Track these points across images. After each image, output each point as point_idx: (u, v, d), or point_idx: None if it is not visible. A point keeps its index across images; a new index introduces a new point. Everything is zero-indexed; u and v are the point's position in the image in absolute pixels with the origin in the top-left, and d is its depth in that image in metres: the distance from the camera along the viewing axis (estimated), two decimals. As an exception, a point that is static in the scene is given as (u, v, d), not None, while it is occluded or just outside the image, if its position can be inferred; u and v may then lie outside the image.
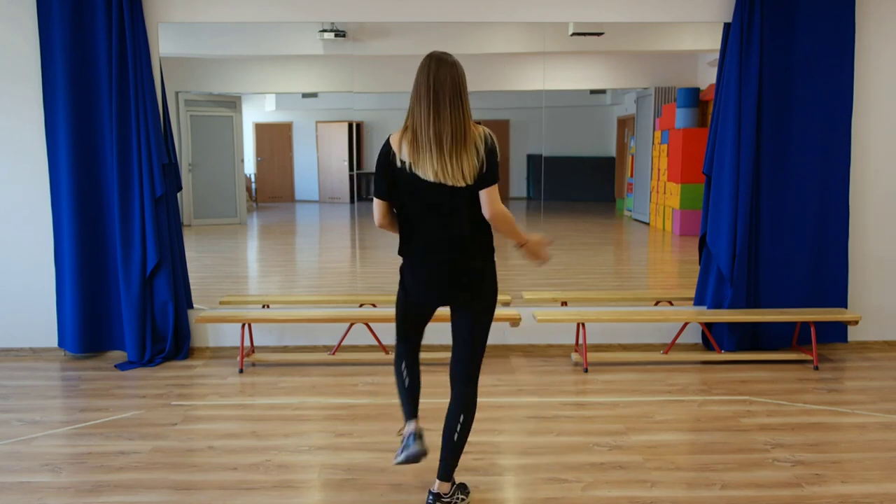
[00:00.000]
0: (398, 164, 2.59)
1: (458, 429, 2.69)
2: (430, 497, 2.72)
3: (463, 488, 2.83)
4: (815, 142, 4.70)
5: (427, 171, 2.55)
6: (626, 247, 8.82)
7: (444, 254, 2.64)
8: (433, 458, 3.14)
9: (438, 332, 4.71)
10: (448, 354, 2.78)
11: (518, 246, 2.74)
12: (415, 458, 2.75)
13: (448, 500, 2.74)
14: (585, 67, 6.59)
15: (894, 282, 5.01)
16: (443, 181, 2.55)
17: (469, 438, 2.74)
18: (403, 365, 2.88)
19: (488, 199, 2.57)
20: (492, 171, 2.57)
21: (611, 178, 9.43)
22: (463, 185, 2.56)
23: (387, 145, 2.65)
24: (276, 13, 4.70)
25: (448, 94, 2.53)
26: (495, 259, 2.73)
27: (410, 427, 2.81)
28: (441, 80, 2.53)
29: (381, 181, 2.65)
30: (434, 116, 2.52)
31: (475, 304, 2.70)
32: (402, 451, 2.78)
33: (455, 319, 2.74)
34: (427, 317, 2.87)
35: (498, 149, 2.60)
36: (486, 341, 2.76)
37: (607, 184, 9.50)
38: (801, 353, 4.73)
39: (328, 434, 3.53)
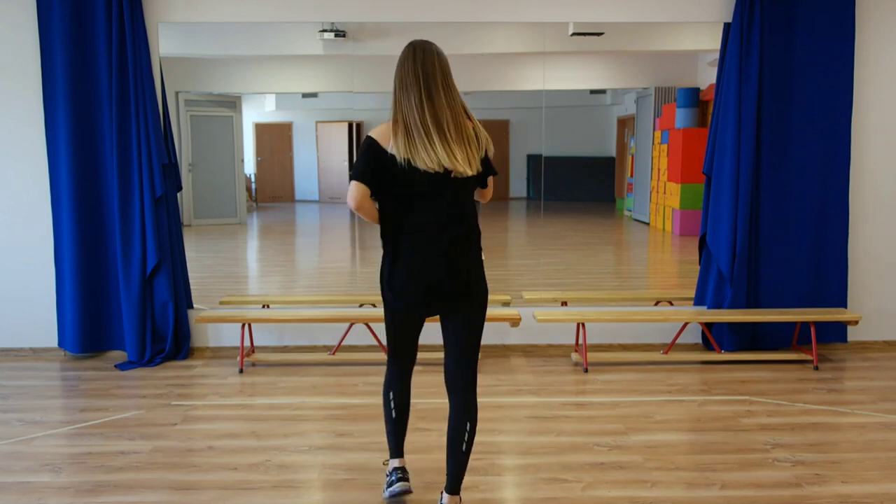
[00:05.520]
0: (389, 158, 2.44)
1: (466, 438, 2.55)
2: None
3: None
4: (815, 142, 4.70)
5: (428, 161, 2.40)
6: (626, 247, 8.82)
7: (442, 254, 2.49)
8: (433, 458, 3.15)
9: (435, 331, 4.71)
10: (441, 355, 2.69)
11: None
12: (399, 495, 2.75)
13: None
14: (585, 67, 6.58)
15: (894, 282, 5.01)
16: (450, 168, 2.42)
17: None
18: (392, 395, 2.72)
19: (491, 187, 2.63)
20: (490, 164, 2.57)
21: (611, 178, 9.43)
22: (471, 172, 2.47)
23: (370, 140, 2.48)
24: (276, 13, 4.70)
25: (439, 83, 2.44)
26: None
27: (395, 463, 2.76)
28: (430, 67, 2.44)
29: (365, 168, 2.47)
30: (428, 104, 2.41)
31: (472, 303, 2.58)
32: (387, 488, 2.78)
33: (449, 324, 2.60)
34: (420, 324, 2.69)
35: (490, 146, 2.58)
36: (480, 335, 2.63)
37: (607, 184, 9.50)
38: (801, 353, 4.73)
39: (328, 434, 3.53)
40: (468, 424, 2.56)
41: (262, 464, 3.18)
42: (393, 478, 2.75)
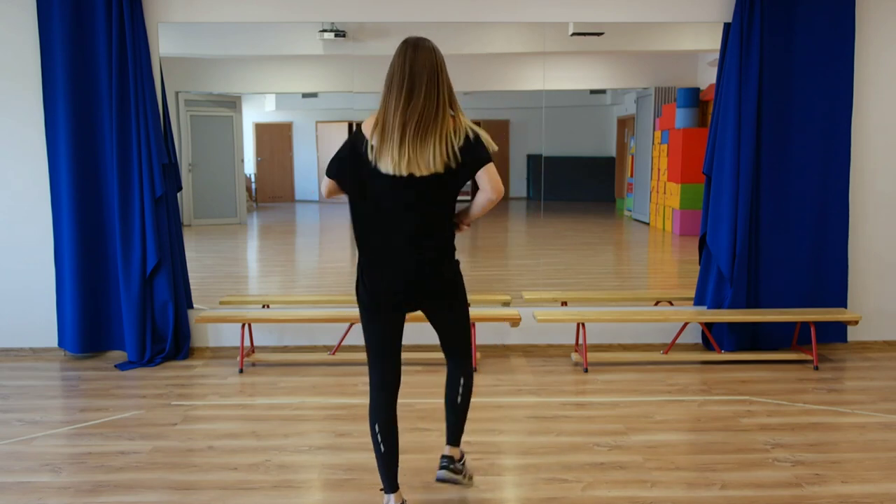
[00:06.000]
0: (364, 152, 2.44)
1: (461, 391, 2.71)
2: (444, 460, 2.76)
3: (464, 463, 2.85)
4: (815, 142, 4.70)
5: (387, 162, 2.40)
6: (626, 247, 8.82)
7: (410, 257, 2.49)
8: (434, 458, 3.15)
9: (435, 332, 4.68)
10: (441, 355, 2.77)
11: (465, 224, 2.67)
12: None
13: (460, 464, 2.79)
14: (585, 67, 6.58)
15: (894, 282, 5.01)
16: (397, 173, 2.39)
17: (469, 438, 2.74)
18: (377, 427, 2.59)
19: (487, 178, 2.44)
20: (478, 154, 2.44)
21: (611, 178, 9.43)
22: (426, 174, 2.40)
23: (357, 131, 2.50)
24: (276, 13, 4.70)
25: (424, 82, 2.38)
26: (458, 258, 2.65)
27: (394, 500, 2.61)
28: (419, 67, 2.39)
29: (338, 161, 2.51)
30: (404, 106, 2.37)
31: (445, 300, 2.63)
32: None
33: (430, 315, 2.67)
34: (399, 329, 2.63)
35: (485, 141, 2.47)
36: (469, 318, 2.72)
37: (607, 184, 9.50)
38: (801, 353, 4.73)
39: (328, 434, 3.53)
40: (463, 380, 2.71)
41: (262, 464, 3.18)
42: None
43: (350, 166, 2.49)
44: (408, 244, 2.48)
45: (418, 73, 2.39)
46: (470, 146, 2.43)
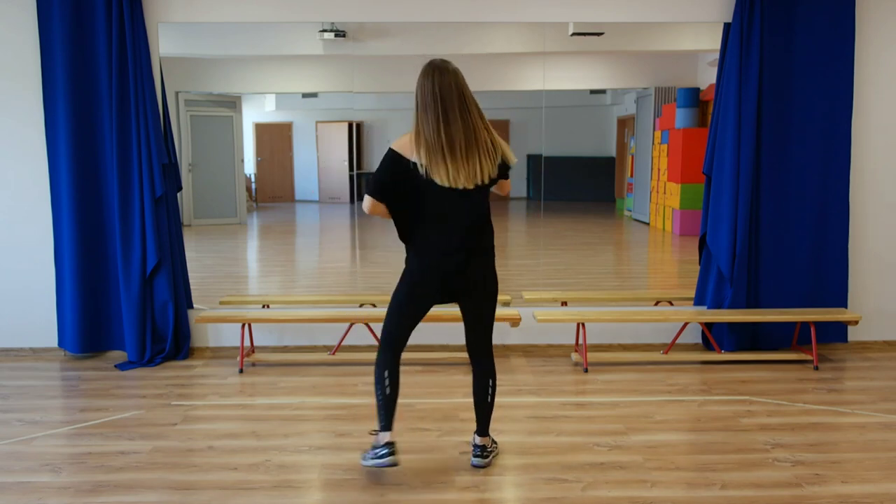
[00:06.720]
0: (412, 167, 2.75)
1: (490, 392, 3.04)
2: (476, 449, 3.09)
3: (494, 441, 3.20)
4: (815, 141, 4.70)
5: (441, 175, 2.72)
6: (626, 247, 8.82)
7: (459, 250, 2.85)
8: (433, 458, 3.16)
9: (435, 332, 4.71)
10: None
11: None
12: (383, 466, 2.96)
13: (490, 450, 3.13)
14: (585, 67, 6.59)
15: (894, 282, 5.01)
16: (454, 186, 2.73)
17: (469, 438, 2.74)
18: (386, 373, 2.96)
19: (507, 183, 2.95)
20: (505, 172, 2.90)
21: (611, 178, 9.43)
22: (480, 184, 2.78)
23: (392, 153, 2.78)
24: (276, 13, 4.70)
25: (456, 101, 2.70)
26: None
27: (386, 437, 2.96)
28: (446, 88, 2.70)
29: (383, 184, 2.80)
30: (444, 124, 2.69)
31: (486, 290, 2.97)
32: (372, 458, 2.97)
33: (466, 306, 2.99)
34: (423, 316, 3.01)
35: (510, 157, 2.88)
36: (494, 314, 3.05)
37: (607, 184, 9.50)
38: (801, 353, 4.73)
39: (328, 434, 3.53)
40: (490, 381, 3.05)
41: (262, 464, 3.18)
42: (385, 450, 2.94)
43: (395, 187, 2.82)
44: (461, 242, 2.86)
45: (447, 95, 2.70)
46: (504, 164, 2.87)
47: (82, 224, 4.65)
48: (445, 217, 2.84)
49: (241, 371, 4.53)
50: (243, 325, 4.64)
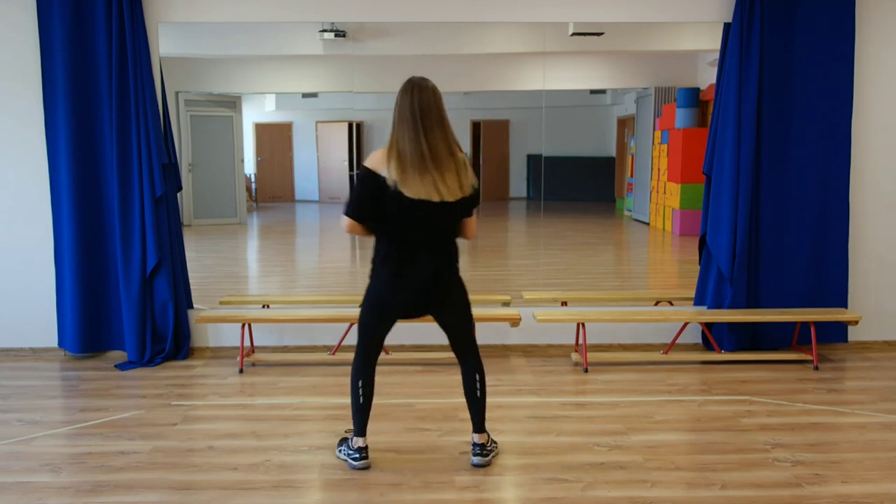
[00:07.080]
0: (382, 181, 2.76)
1: (479, 387, 3.08)
2: (476, 448, 3.10)
3: (493, 441, 3.22)
4: (815, 141, 4.70)
5: (415, 188, 2.74)
6: (626, 247, 8.82)
7: (429, 265, 2.90)
8: (433, 458, 3.16)
9: (435, 332, 4.71)
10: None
11: None
12: (355, 469, 3.07)
13: (490, 448, 3.14)
14: (585, 67, 6.59)
15: (894, 282, 5.01)
16: (428, 198, 2.75)
17: (469, 438, 2.75)
18: (360, 383, 3.06)
19: (473, 222, 2.96)
20: (475, 201, 2.91)
21: (611, 178, 9.44)
22: (458, 197, 2.80)
23: (364, 170, 2.82)
24: (276, 13, 4.70)
25: (433, 117, 2.75)
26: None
27: (359, 442, 3.08)
28: (425, 104, 2.74)
29: (359, 204, 2.84)
30: (424, 136, 2.72)
31: (457, 298, 3.04)
32: (346, 456, 3.12)
33: (441, 317, 3.06)
34: (392, 325, 3.07)
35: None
36: (472, 316, 3.11)
37: (607, 184, 9.50)
38: (801, 353, 4.73)
39: (328, 434, 3.53)
40: (477, 376, 3.08)
41: (262, 464, 3.18)
42: (359, 455, 3.07)
43: (371, 205, 2.83)
44: (428, 255, 2.90)
45: (426, 110, 2.75)
46: (475, 189, 2.89)
47: (82, 224, 4.65)
48: (416, 231, 2.85)
49: (241, 371, 4.53)
50: (243, 325, 4.64)
